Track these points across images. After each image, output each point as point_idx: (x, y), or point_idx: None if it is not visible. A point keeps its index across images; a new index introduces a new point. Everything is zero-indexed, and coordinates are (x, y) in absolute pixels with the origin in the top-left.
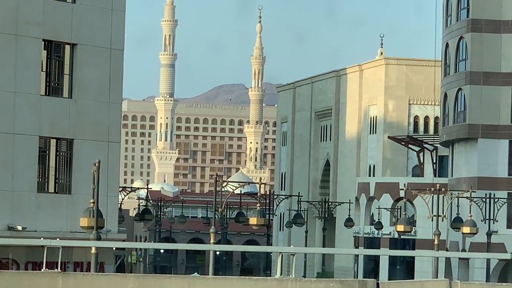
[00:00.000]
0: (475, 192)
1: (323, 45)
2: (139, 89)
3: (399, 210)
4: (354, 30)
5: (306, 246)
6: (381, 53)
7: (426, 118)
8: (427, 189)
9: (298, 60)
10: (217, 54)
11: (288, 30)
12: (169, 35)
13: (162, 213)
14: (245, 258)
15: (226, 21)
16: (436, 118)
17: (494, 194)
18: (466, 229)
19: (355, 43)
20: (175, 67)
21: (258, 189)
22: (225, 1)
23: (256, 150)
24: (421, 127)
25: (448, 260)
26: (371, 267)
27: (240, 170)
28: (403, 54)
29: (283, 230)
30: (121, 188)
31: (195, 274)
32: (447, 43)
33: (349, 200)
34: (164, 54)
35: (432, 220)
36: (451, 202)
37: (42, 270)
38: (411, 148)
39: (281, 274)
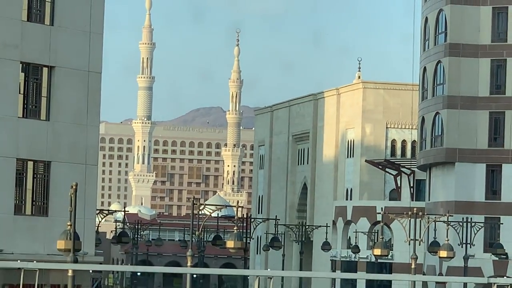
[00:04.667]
0: (452, 216)
1: (307, 71)
2: (117, 111)
3: (376, 233)
4: (333, 55)
5: (283, 269)
6: (359, 77)
7: (404, 142)
8: (404, 213)
9: (280, 86)
10: (194, 77)
11: (271, 57)
12: (147, 58)
13: (139, 236)
14: (222, 281)
15: (204, 44)
16: (413, 142)
17: (471, 218)
18: (443, 253)
19: (333, 67)
20: (152, 90)
21: (235, 212)
22: (204, 24)
23: (234, 173)
24: (398, 151)
25: (425, 284)
26: None
27: (217, 193)
28: (380, 78)
29: (260, 253)
30: (98, 211)
31: None
32: (424, 67)
33: (326, 224)
34: (141, 77)
35: (409, 244)
36: (428, 226)
37: None
38: (388, 172)
39: None
